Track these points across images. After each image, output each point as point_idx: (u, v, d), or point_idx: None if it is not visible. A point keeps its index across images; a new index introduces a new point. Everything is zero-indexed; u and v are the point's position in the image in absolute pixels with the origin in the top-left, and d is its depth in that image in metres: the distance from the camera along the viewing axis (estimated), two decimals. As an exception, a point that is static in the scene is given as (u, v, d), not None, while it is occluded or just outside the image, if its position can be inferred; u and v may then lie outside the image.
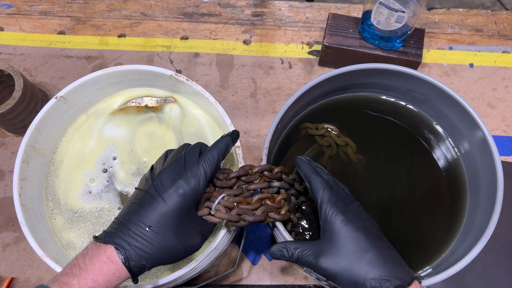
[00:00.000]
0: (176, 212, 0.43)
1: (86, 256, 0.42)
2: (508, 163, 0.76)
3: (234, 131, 0.51)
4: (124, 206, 0.46)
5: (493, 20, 0.89)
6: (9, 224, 0.72)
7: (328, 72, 0.63)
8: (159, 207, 0.43)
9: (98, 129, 0.65)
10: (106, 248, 0.42)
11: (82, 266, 0.41)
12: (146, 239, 0.42)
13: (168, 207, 0.43)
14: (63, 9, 0.90)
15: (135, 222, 0.42)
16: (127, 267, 0.42)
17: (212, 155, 0.46)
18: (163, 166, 0.47)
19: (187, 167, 0.45)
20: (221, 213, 0.46)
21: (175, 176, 0.44)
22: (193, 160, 0.46)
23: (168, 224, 0.43)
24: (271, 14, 0.90)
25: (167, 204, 0.43)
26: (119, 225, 0.43)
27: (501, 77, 0.84)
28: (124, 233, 0.42)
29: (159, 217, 0.42)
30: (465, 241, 0.59)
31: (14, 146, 0.78)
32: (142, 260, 0.42)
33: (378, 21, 0.73)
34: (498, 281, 0.68)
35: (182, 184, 0.44)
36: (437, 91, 0.63)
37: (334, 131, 0.68)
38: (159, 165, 0.48)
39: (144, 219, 0.42)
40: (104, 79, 0.64)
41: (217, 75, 0.84)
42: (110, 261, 0.41)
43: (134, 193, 0.47)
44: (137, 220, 0.43)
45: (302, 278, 0.69)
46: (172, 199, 0.43)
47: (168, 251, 0.43)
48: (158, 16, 0.90)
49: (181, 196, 0.43)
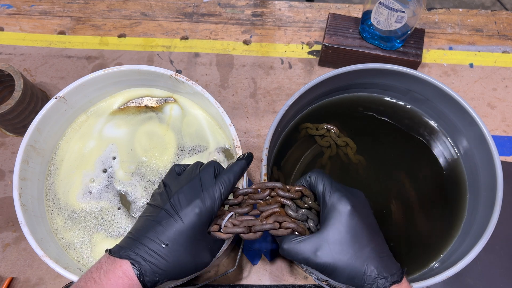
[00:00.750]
0: (191, 230, 0.44)
1: (101, 270, 0.43)
2: (508, 163, 0.76)
3: (248, 154, 0.51)
4: (137, 221, 0.47)
5: (493, 20, 0.89)
6: (9, 224, 0.72)
7: (328, 72, 0.63)
8: (176, 225, 0.44)
9: (98, 129, 0.65)
10: (122, 263, 0.43)
11: (98, 281, 0.42)
12: (161, 255, 0.43)
13: (184, 225, 0.44)
14: (63, 9, 0.90)
15: (151, 238, 0.43)
16: (142, 283, 0.42)
17: (228, 178, 0.47)
18: (176, 183, 0.48)
19: (204, 188, 0.46)
20: (229, 228, 0.47)
21: (192, 196, 0.45)
22: (209, 181, 0.47)
23: (182, 241, 0.44)
24: (271, 14, 0.90)
25: (184, 223, 0.44)
26: (135, 241, 0.44)
27: (501, 77, 0.84)
28: (140, 248, 0.43)
29: (176, 235, 0.44)
30: (465, 241, 0.59)
31: (14, 146, 0.78)
32: (156, 276, 0.43)
33: (378, 21, 0.73)
34: (498, 281, 0.68)
35: (199, 203, 0.45)
36: (437, 91, 0.63)
37: (334, 131, 0.68)
38: (172, 183, 0.49)
39: (161, 236, 0.43)
40: (104, 79, 0.64)
41: (217, 75, 0.84)
42: (125, 276, 0.42)
43: (147, 209, 0.48)
44: (154, 236, 0.44)
45: (302, 278, 0.69)
46: (189, 217, 0.44)
47: (180, 267, 0.44)
48: (158, 16, 0.90)
49: (197, 215, 0.44)
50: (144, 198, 0.61)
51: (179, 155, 0.63)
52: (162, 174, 0.62)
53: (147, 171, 0.62)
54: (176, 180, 0.49)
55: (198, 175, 0.47)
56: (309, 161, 0.67)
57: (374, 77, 0.67)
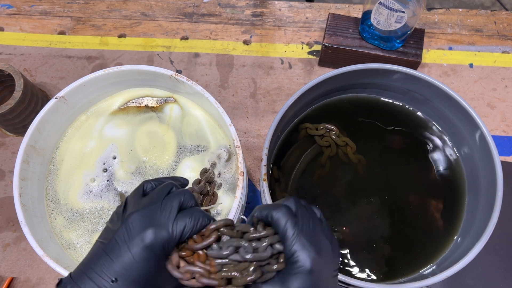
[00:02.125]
0: (143, 264, 0.38)
1: None
2: (507, 163, 0.76)
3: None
4: (93, 245, 0.41)
5: (493, 20, 0.89)
6: (9, 224, 0.72)
7: (328, 72, 0.63)
8: (125, 258, 0.38)
9: (98, 129, 0.66)
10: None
11: None
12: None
13: (134, 259, 0.38)
14: (63, 9, 0.90)
15: (98, 273, 0.38)
16: None
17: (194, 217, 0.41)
18: (137, 204, 0.42)
19: (162, 217, 0.40)
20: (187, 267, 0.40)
21: (146, 223, 0.39)
22: (171, 210, 0.40)
23: (134, 276, 0.38)
24: (271, 14, 0.90)
25: (132, 255, 0.38)
26: (82, 274, 0.38)
27: (500, 77, 0.84)
28: (86, 284, 0.38)
29: (125, 269, 0.38)
30: (464, 241, 0.59)
31: (14, 146, 0.78)
32: None
33: (378, 21, 0.73)
34: (498, 281, 0.68)
35: (150, 235, 0.38)
36: (437, 91, 0.63)
37: (334, 131, 0.68)
38: (133, 202, 0.43)
39: (108, 270, 0.38)
40: (104, 79, 0.64)
41: (217, 75, 0.84)
42: None
43: (103, 230, 0.42)
44: (100, 270, 0.38)
45: (302, 278, 0.69)
46: (138, 248, 0.38)
47: None
48: (158, 16, 0.90)
49: (147, 249, 0.38)
50: (144, 198, 0.61)
51: (179, 154, 0.63)
52: (163, 173, 0.62)
53: (148, 171, 0.62)
54: (138, 201, 0.43)
55: (160, 203, 0.41)
56: (309, 161, 0.67)
57: (374, 77, 0.67)
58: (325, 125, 0.68)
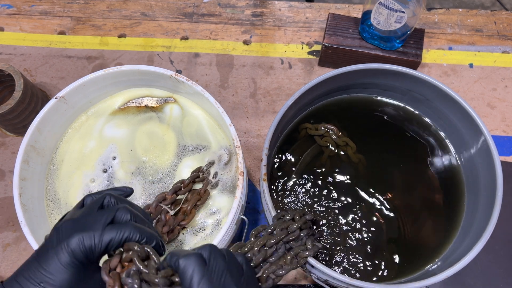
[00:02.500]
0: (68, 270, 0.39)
1: None
2: (507, 163, 0.76)
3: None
4: None
5: (493, 20, 0.89)
6: (9, 224, 0.72)
7: (328, 72, 0.63)
8: (51, 263, 0.38)
9: (98, 129, 0.66)
10: None
11: None
12: None
13: (60, 264, 0.38)
14: (63, 9, 0.90)
15: (26, 278, 0.38)
16: None
17: (119, 236, 0.41)
18: (73, 214, 0.43)
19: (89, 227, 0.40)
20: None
21: (73, 231, 0.39)
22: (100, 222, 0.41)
23: (60, 281, 0.38)
24: (271, 14, 0.90)
25: (58, 260, 0.38)
26: (12, 280, 0.39)
27: (500, 77, 0.84)
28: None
29: (50, 274, 0.38)
30: (464, 241, 0.59)
31: (14, 146, 0.78)
32: None
33: (378, 21, 0.73)
34: (498, 281, 0.68)
35: (75, 241, 0.39)
36: (437, 91, 0.63)
37: (333, 131, 0.68)
38: (70, 213, 0.44)
39: (35, 274, 0.38)
40: (104, 79, 0.64)
41: (217, 75, 0.84)
42: None
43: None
44: (28, 275, 0.38)
45: (302, 278, 0.69)
46: (63, 254, 0.38)
47: None
48: (158, 16, 0.90)
49: (71, 255, 0.39)
50: (143, 197, 0.61)
51: (179, 154, 0.63)
52: (163, 173, 0.62)
53: (147, 171, 0.62)
54: (74, 212, 0.43)
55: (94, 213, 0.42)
56: (309, 160, 0.67)
57: (374, 77, 0.67)
58: (325, 125, 0.68)
